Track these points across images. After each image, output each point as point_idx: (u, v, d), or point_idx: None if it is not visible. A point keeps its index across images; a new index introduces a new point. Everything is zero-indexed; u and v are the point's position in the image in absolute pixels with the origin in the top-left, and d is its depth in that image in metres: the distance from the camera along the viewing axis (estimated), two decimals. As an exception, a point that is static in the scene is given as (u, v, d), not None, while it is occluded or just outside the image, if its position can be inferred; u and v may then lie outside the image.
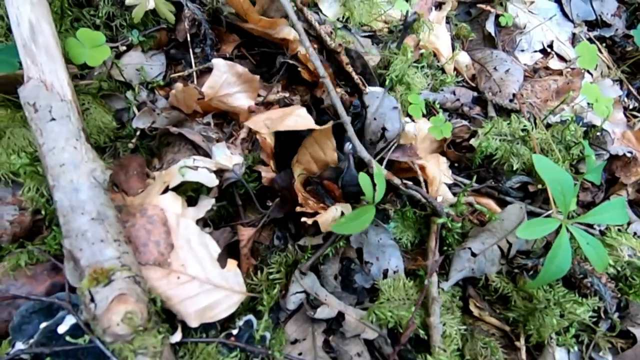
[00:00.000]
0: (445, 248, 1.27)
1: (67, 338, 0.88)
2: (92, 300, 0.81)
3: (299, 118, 1.20)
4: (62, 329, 0.89)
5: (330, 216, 1.12)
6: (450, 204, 1.30)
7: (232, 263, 1.03)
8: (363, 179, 1.06)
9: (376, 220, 1.27)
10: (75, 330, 0.90)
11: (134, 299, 0.82)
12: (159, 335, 0.86)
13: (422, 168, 1.30)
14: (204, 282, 0.98)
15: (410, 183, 1.23)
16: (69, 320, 0.91)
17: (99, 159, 0.96)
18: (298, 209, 1.10)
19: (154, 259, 0.98)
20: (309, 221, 1.06)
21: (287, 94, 1.38)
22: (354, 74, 1.37)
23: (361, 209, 1.07)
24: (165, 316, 0.95)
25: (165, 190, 1.08)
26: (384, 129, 1.26)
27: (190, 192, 1.14)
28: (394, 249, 1.28)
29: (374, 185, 1.07)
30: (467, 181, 1.42)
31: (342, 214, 1.15)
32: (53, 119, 0.91)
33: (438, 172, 1.33)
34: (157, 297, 0.92)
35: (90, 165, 0.91)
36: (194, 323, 0.94)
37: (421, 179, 1.24)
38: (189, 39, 1.49)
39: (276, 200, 1.16)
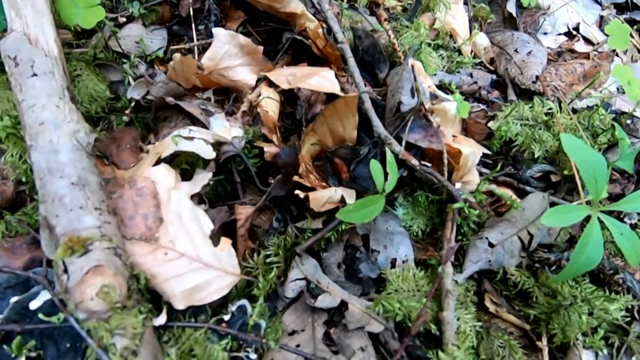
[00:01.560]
0: (459, 237, 1.17)
1: (40, 315, 0.80)
2: (66, 271, 0.73)
3: (324, 80, 1.10)
4: (34, 305, 0.80)
5: (327, 195, 1.02)
6: (469, 191, 1.19)
7: (226, 242, 0.94)
8: (374, 166, 0.97)
9: (385, 206, 1.16)
10: (50, 308, 0.81)
11: (112, 272, 0.73)
12: (140, 316, 0.77)
13: (456, 153, 1.16)
14: (194, 259, 0.89)
15: (429, 165, 1.11)
16: (44, 296, 0.82)
17: (83, 120, 0.88)
18: (296, 178, 1.00)
19: (140, 233, 0.89)
20: (301, 195, 0.97)
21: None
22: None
23: (370, 198, 0.98)
24: (150, 297, 0.86)
25: (158, 162, 1.00)
26: (399, 102, 1.13)
27: (185, 165, 1.05)
28: (403, 237, 1.18)
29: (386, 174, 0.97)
30: (482, 169, 1.32)
31: (343, 198, 1.05)
32: (35, 75, 0.83)
33: (473, 159, 1.18)
34: (140, 273, 0.83)
35: (73, 126, 0.83)
36: (180, 305, 0.85)
37: (445, 162, 1.12)
38: (191, 14, 1.42)
39: (278, 177, 1.07)
